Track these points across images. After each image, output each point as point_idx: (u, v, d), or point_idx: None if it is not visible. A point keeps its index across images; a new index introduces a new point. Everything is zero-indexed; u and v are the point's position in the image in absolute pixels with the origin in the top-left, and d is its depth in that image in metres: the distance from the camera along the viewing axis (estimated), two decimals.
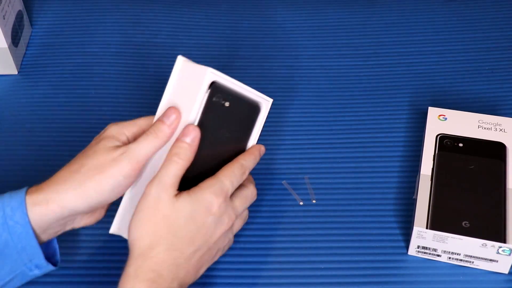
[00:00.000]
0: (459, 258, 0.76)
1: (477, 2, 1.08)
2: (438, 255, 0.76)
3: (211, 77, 0.66)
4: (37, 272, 0.67)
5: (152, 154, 0.66)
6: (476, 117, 0.85)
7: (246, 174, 0.70)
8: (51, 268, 0.67)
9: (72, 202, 0.64)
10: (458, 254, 0.75)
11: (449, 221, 0.75)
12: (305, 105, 0.94)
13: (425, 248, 0.76)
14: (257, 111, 0.71)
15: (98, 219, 0.71)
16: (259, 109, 0.71)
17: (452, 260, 0.76)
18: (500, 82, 0.96)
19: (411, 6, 1.09)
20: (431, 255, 0.77)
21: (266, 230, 0.80)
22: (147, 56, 1.02)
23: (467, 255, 0.75)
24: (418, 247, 0.76)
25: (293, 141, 0.90)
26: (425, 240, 0.75)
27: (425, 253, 0.77)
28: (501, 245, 0.73)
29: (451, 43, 1.02)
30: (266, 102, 0.72)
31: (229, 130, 0.70)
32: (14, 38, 0.98)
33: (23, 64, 1.01)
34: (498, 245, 0.73)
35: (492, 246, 0.73)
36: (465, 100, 0.94)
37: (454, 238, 0.74)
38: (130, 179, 0.65)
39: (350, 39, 1.04)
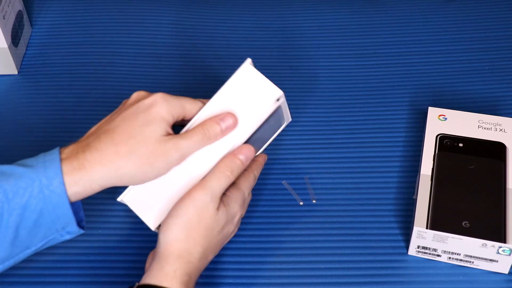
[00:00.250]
0: (459, 258, 0.76)
1: (477, 2, 1.08)
2: (438, 255, 0.76)
3: (280, 101, 0.70)
4: (67, 237, 0.68)
5: (197, 150, 0.68)
6: (476, 117, 0.85)
7: (255, 182, 0.75)
8: (81, 232, 0.69)
9: (113, 184, 0.66)
10: (458, 254, 0.75)
11: (449, 221, 0.75)
12: (305, 105, 0.94)
13: (425, 248, 0.76)
14: (279, 126, 0.76)
15: None
16: (281, 125, 0.76)
17: (452, 260, 0.76)
18: (500, 82, 0.96)
19: (411, 6, 1.09)
20: (431, 255, 0.77)
21: (266, 230, 0.80)
22: (147, 56, 1.02)
23: (467, 255, 0.75)
24: (418, 247, 0.77)
25: (293, 141, 0.90)
26: (425, 240, 0.75)
27: (425, 253, 0.77)
28: (501, 245, 0.73)
29: (451, 43, 1.02)
30: (287, 121, 0.77)
31: (259, 139, 0.74)
32: (14, 38, 0.98)
33: (23, 64, 1.01)
34: (498, 245, 0.73)
35: (492, 246, 0.73)
36: (465, 100, 0.94)
37: (454, 238, 0.74)
38: (170, 170, 0.68)
39: (350, 39, 1.04)
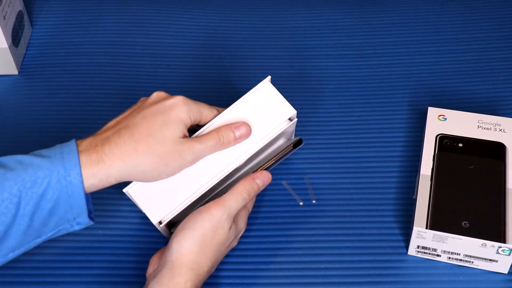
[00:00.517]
0: (459, 258, 0.76)
1: (477, 2, 1.08)
2: (438, 255, 0.77)
3: (293, 120, 0.76)
4: (77, 227, 0.70)
5: (210, 154, 0.72)
6: (476, 117, 0.85)
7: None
8: (91, 224, 0.70)
9: (129, 179, 0.69)
10: (458, 254, 0.76)
11: (449, 221, 0.75)
12: (305, 105, 0.94)
13: (425, 248, 0.76)
14: (287, 145, 0.79)
15: None
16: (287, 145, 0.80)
17: (452, 260, 0.77)
18: (500, 82, 0.96)
19: (411, 6, 1.09)
20: (431, 255, 0.77)
21: (266, 230, 0.81)
22: (147, 56, 1.02)
23: (467, 255, 0.75)
24: (418, 247, 0.77)
25: None
26: (425, 240, 0.75)
27: (425, 253, 0.77)
28: (500, 245, 0.73)
29: (451, 43, 1.02)
30: (291, 141, 0.80)
31: (270, 154, 0.79)
32: (14, 38, 0.98)
33: (23, 64, 1.01)
34: (497, 245, 0.73)
35: (492, 246, 0.73)
36: (464, 100, 0.94)
37: (454, 238, 0.74)
38: (181, 171, 0.71)
39: (350, 39, 1.04)
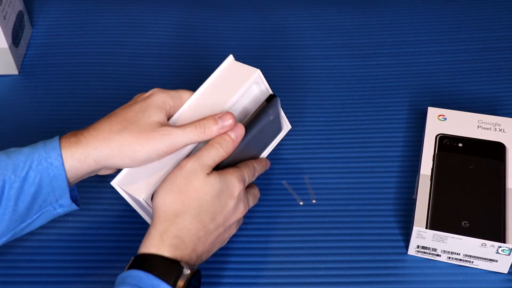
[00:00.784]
0: (458, 258, 0.76)
1: (477, 2, 1.09)
2: (438, 255, 0.77)
3: (258, 77, 0.74)
4: (60, 211, 0.71)
5: (189, 144, 0.71)
6: (476, 117, 0.85)
7: (255, 176, 0.76)
8: (74, 207, 0.72)
9: (106, 160, 0.69)
10: (457, 254, 0.76)
11: (449, 221, 0.75)
12: (305, 105, 0.94)
13: (425, 248, 0.76)
14: (280, 131, 0.79)
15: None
16: (281, 130, 0.79)
17: (451, 260, 0.77)
18: (500, 82, 0.96)
19: (411, 6, 1.09)
20: (430, 255, 0.77)
21: (266, 230, 0.81)
22: (147, 56, 1.02)
23: (466, 255, 0.75)
24: (418, 247, 0.77)
25: (293, 141, 0.90)
26: (424, 240, 0.75)
27: (424, 253, 0.77)
28: (500, 245, 0.73)
29: (450, 43, 1.02)
30: (287, 128, 0.80)
31: (260, 139, 0.76)
32: (14, 38, 0.99)
33: (23, 64, 1.01)
34: (497, 244, 0.73)
35: (492, 246, 0.73)
36: (464, 100, 0.94)
37: (453, 238, 0.74)
38: (161, 157, 0.70)
39: (350, 39, 1.04)
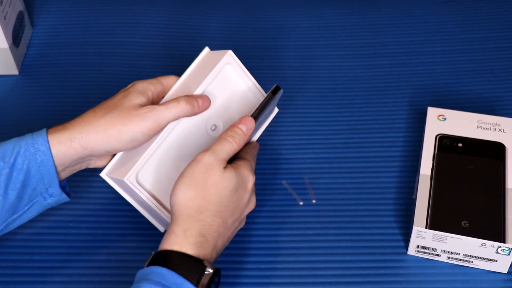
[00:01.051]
0: (458, 258, 0.76)
1: (477, 2, 1.09)
2: (438, 255, 0.77)
3: (230, 57, 0.75)
4: (51, 201, 0.71)
5: (173, 120, 0.71)
6: (475, 117, 0.85)
7: None
8: (64, 197, 0.72)
9: (93, 144, 0.69)
10: (457, 253, 0.76)
11: (449, 221, 0.75)
12: (305, 105, 0.94)
13: (425, 247, 0.76)
14: (270, 114, 0.80)
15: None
16: (272, 112, 0.80)
17: (451, 259, 0.77)
18: (500, 82, 0.96)
19: (411, 6, 1.09)
20: (430, 255, 0.77)
21: (266, 230, 0.81)
22: (147, 56, 1.02)
23: (466, 255, 0.75)
24: (418, 246, 0.77)
25: (293, 141, 0.90)
26: (424, 239, 0.75)
27: (424, 252, 0.77)
28: (500, 245, 0.73)
29: (450, 43, 1.02)
30: (275, 111, 0.81)
31: (259, 126, 0.76)
32: (15, 38, 0.99)
33: (24, 65, 1.02)
34: (497, 244, 0.73)
35: (492, 246, 0.73)
36: (464, 100, 0.94)
37: (453, 237, 0.74)
38: (147, 136, 0.71)
39: (350, 39, 1.04)
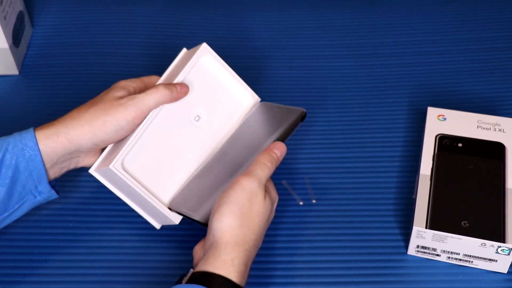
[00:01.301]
0: (458, 258, 0.76)
1: (476, 3, 1.09)
2: (438, 255, 0.77)
3: (204, 49, 0.77)
4: (40, 198, 0.72)
5: (155, 107, 0.73)
6: (475, 117, 0.85)
7: None
8: (53, 194, 0.73)
9: (79, 137, 0.70)
10: (457, 253, 0.76)
11: (449, 220, 0.75)
12: (305, 105, 0.94)
13: (425, 247, 0.76)
14: (294, 119, 0.77)
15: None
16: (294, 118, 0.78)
17: (451, 259, 0.77)
18: (500, 82, 0.96)
19: (410, 7, 1.09)
20: (430, 255, 0.77)
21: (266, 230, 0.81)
22: (147, 56, 1.02)
23: (466, 255, 0.75)
24: (418, 246, 0.77)
25: (293, 141, 0.90)
26: (424, 239, 0.75)
27: (424, 252, 0.77)
28: (500, 245, 0.73)
29: (450, 43, 1.02)
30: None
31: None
32: (15, 38, 0.99)
33: (24, 65, 1.02)
34: (497, 244, 0.73)
35: (491, 246, 0.73)
36: (464, 100, 0.94)
37: (453, 237, 0.74)
38: (132, 125, 0.72)
39: (350, 39, 1.04)
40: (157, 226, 0.78)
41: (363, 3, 1.10)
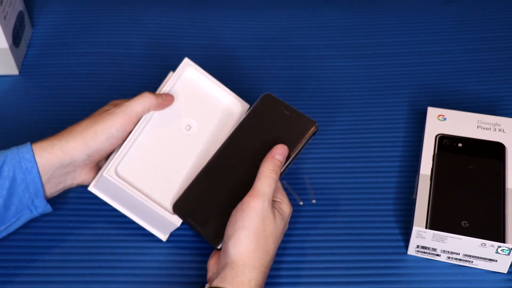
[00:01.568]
0: (458, 258, 0.76)
1: (476, 2, 1.09)
2: (438, 255, 0.77)
3: (187, 64, 0.81)
4: (36, 213, 0.74)
5: (142, 114, 0.76)
6: (475, 117, 0.85)
7: None
8: (48, 208, 0.74)
9: (72, 148, 0.73)
10: (457, 253, 0.76)
11: (449, 220, 0.75)
12: (305, 105, 0.94)
13: (425, 247, 0.76)
14: (306, 134, 0.76)
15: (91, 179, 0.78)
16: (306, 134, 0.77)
17: (451, 259, 0.77)
18: (500, 82, 0.96)
19: (411, 7, 1.09)
20: (430, 255, 0.77)
21: None
22: (146, 56, 1.02)
23: (466, 255, 0.75)
24: (418, 246, 0.77)
25: None
26: (424, 239, 0.75)
27: (424, 252, 0.77)
28: (500, 245, 0.73)
29: (450, 43, 1.02)
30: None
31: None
32: (15, 38, 0.99)
33: (24, 65, 1.02)
34: (497, 244, 0.73)
35: (491, 246, 0.73)
36: (464, 100, 0.94)
37: (453, 237, 0.74)
38: (122, 132, 0.75)
39: (350, 39, 1.04)
40: (163, 238, 0.78)
41: (363, 3, 1.10)
